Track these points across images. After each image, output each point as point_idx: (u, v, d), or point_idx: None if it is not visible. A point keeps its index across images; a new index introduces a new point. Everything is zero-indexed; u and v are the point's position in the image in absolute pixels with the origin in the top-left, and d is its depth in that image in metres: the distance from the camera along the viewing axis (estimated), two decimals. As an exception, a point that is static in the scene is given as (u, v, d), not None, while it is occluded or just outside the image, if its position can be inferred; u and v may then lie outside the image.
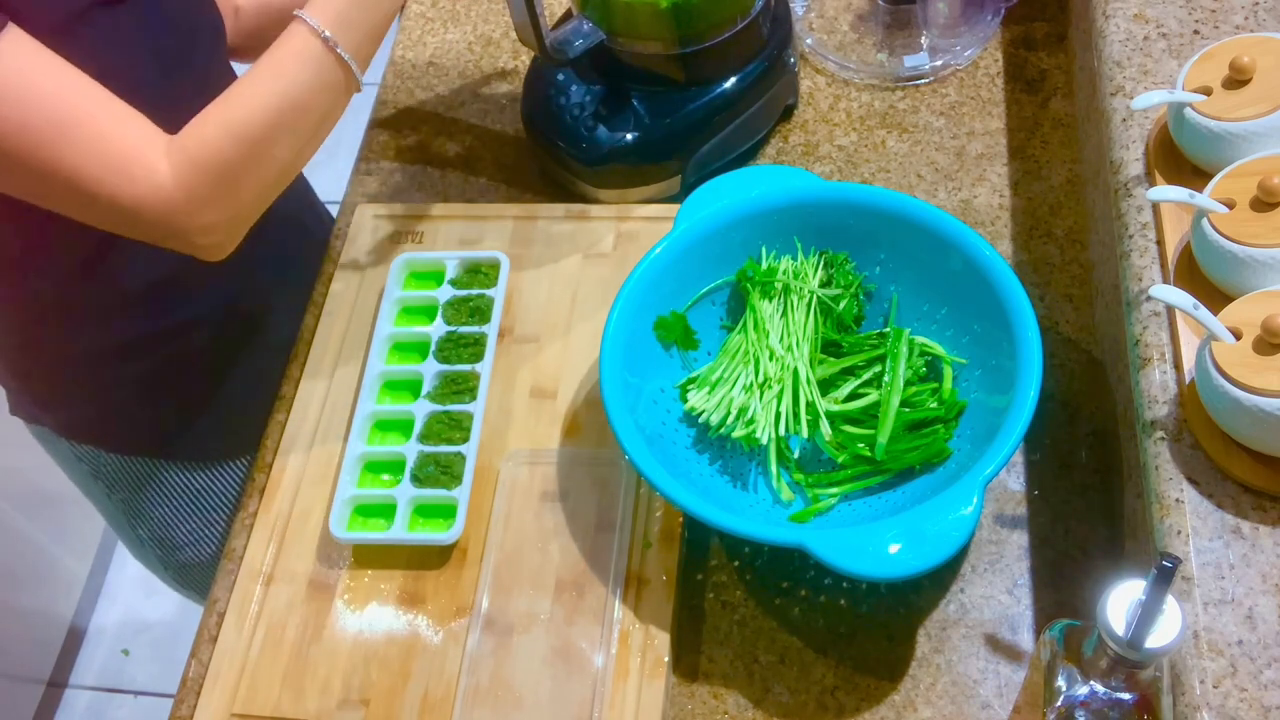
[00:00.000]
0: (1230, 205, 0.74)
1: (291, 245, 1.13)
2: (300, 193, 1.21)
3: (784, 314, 0.89)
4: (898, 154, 1.10)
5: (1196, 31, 0.91)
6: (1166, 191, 0.76)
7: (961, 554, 0.86)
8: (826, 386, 0.87)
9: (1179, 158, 0.83)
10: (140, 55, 0.87)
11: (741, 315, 0.91)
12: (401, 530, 0.89)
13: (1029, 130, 1.10)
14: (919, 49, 1.16)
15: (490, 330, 0.99)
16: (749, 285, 0.91)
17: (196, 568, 1.18)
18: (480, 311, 1.01)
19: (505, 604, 0.87)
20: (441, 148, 1.19)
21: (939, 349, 0.88)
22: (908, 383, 0.86)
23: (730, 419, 0.85)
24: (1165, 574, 0.55)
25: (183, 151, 0.79)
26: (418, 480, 0.92)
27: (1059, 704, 0.63)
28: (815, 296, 0.90)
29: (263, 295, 1.10)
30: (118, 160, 0.77)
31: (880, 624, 0.85)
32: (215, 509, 1.14)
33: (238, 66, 1.07)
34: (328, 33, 0.79)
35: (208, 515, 1.14)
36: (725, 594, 0.88)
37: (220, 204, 0.81)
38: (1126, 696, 0.61)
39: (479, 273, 1.04)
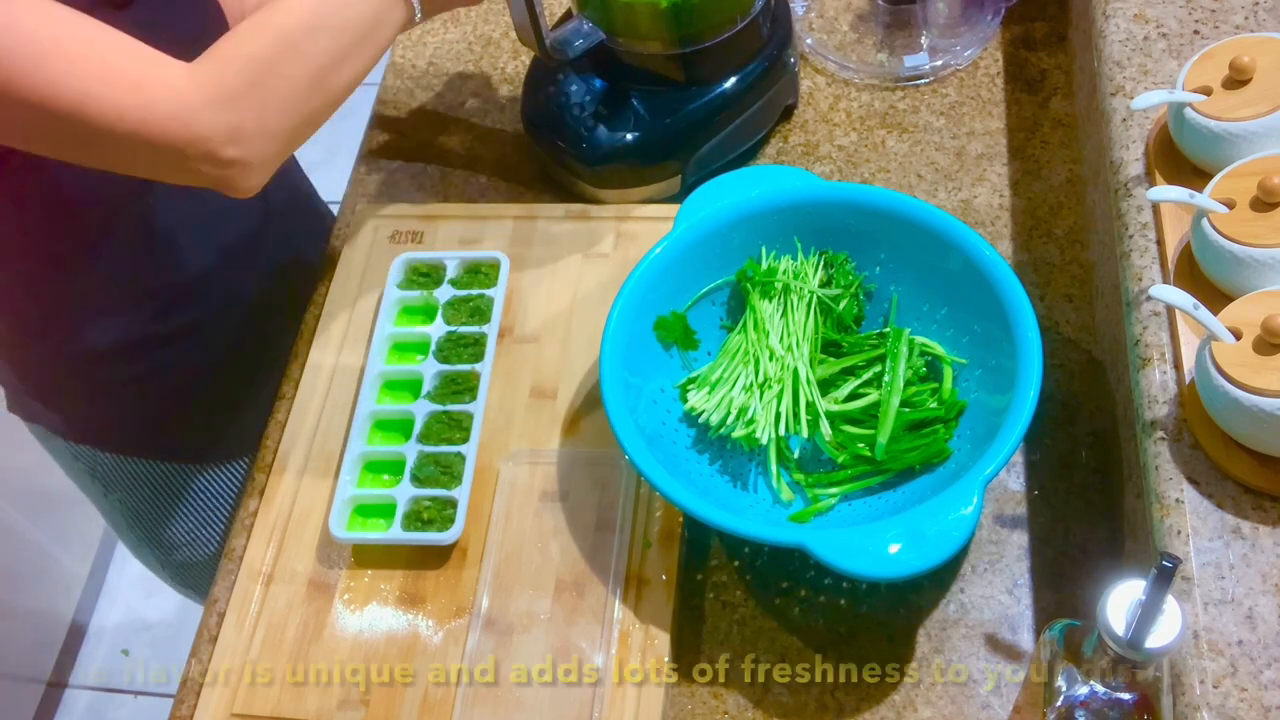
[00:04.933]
0: (1230, 205, 0.74)
1: (291, 245, 1.13)
2: (301, 192, 1.21)
3: (784, 314, 0.89)
4: (898, 154, 1.10)
5: (1196, 31, 0.91)
6: (1166, 191, 0.76)
7: (961, 554, 0.86)
8: (826, 386, 0.87)
9: (1179, 158, 0.83)
10: None
11: (741, 315, 0.91)
12: (401, 530, 0.89)
13: (1029, 130, 1.10)
14: (919, 49, 1.16)
15: (490, 330, 0.99)
16: (749, 285, 0.91)
17: (194, 567, 1.18)
18: (480, 311, 1.01)
19: (505, 604, 0.87)
20: (441, 148, 1.19)
21: (939, 349, 0.88)
22: (908, 383, 0.86)
23: (730, 419, 0.85)
24: (1165, 574, 0.55)
25: (207, 55, 0.73)
26: (418, 480, 0.92)
27: (1059, 704, 0.63)
28: (815, 296, 0.90)
29: (262, 295, 1.10)
30: (122, 73, 0.70)
31: (880, 624, 0.85)
32: (212, 509, 1.14)
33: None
34: None
35: (205, 515, 1.14)
36: (725, 594, 0.88)
37: (247, 103, 0.72)
38: (1126, 696, 0.61)
39: (479, 273, 1.04)
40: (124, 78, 0.70)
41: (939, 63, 1.15)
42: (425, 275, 1.05)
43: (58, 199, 0.85)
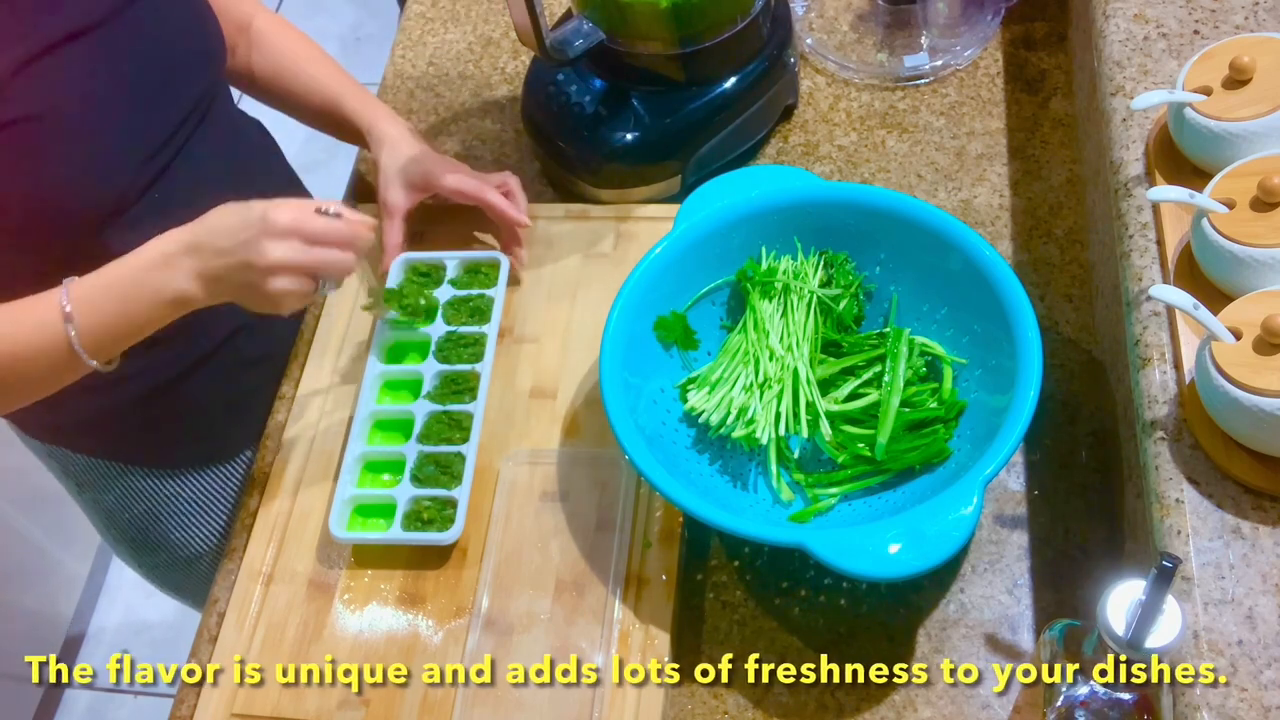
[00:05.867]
0: (1230, 205, 0.74)
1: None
2: (299, 193, 1.21)
3: (784, 314, 0.89)
4: (898, 154, 1.10)
5: (1196, 31, 0.91)
6: (1166, 191, 0.76)
7: (961, 554, 0.86)
8: (826, 386, 0.87)
9: (1179, 158, 0.83)
10: (115, 83, 0.86)
11: (741, 315, 0.91)
12: (401, 530, 0.89)
13: (1029, 130, 1.10)
14: (919, 49, 1.16)
15: (490, 330, 0.99)
16: (749, 285, 0.91)
17: (168, 569, 1.16)
18: (480, 311, 1.01)
19: (505, 604, 0.87)
20: (441, 148, 1.19)
21: (939, 349, 0.88)
22: (908, 383, 0.86)
23: (730, 419, 0.85)
24: (1165, 574, 0.55)
25: None
26: (417, 480, 0.92)
27: (1059, 704, 0.63)
28: (815, 296, 0.90)
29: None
30: None
31: (880, 624, 0.85)
32: (182, 514, 1.11)
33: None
34: (68, 307, 0.80)
35: (175, 520, 1.12)
36: (725, 594, 0.88)
37: None
38: (1126, 696, 0.61)
39: (479, 273, 1.04)
40: None
41: (939, 63, 1.15)
42: (425, 275, 1.05)
43: (31, 224, 0.85)
